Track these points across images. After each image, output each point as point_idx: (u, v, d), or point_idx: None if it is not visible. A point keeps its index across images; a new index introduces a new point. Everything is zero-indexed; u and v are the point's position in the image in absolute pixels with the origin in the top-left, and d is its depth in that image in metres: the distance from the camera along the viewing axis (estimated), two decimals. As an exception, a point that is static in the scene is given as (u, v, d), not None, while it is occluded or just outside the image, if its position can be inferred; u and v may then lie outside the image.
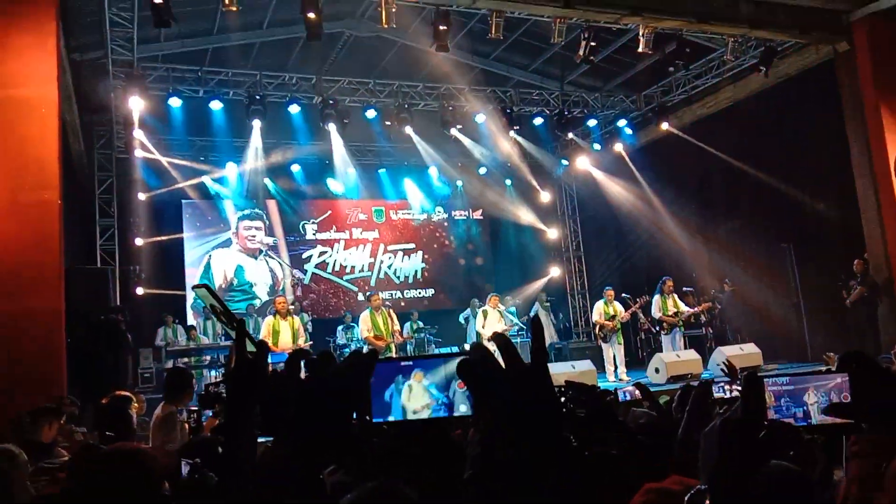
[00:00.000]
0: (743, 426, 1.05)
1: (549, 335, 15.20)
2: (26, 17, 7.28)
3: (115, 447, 1.70)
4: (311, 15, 9.02)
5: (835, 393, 1.35)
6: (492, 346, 0.99)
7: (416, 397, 1.40)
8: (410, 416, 1.38)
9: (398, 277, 16.85)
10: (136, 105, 11.17)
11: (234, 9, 8.53)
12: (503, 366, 0.91)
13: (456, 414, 1.38)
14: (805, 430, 1.40)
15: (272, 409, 1.16)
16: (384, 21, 9.11)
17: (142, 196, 13.44)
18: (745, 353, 10.88)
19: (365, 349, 10.83)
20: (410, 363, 1.44)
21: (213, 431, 3.90)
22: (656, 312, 11.72)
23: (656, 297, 11.72)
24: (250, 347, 1.20)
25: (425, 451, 1.39)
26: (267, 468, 1.01)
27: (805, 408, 1.37)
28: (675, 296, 11.83)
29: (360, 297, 16.04)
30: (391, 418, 1.38)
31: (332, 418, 1.01)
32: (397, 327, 11.09)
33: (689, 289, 12.75)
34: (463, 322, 14.74)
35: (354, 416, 1.28)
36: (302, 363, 1.16)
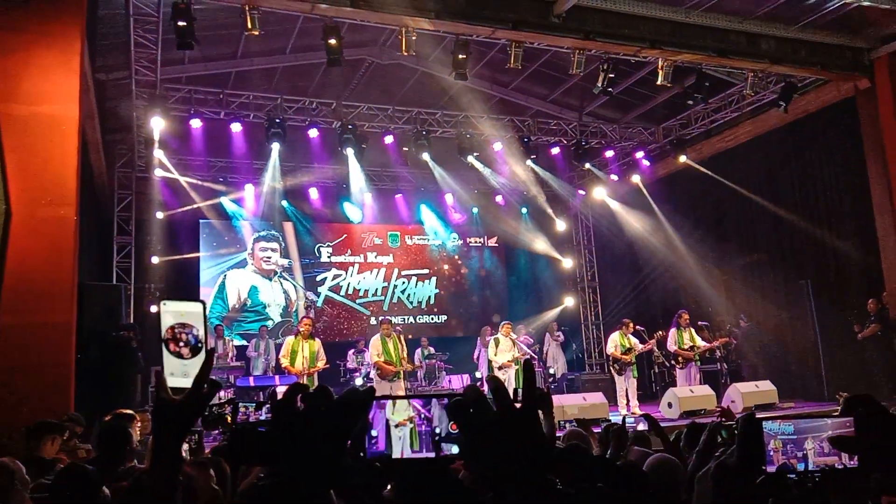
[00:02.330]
0: (739, 471, 1.00)
1: (561, 366, 15.03)
2: (53, 35, 7.40)
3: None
4: (333, 41, 9.12)
5: (835, 439, 1.30)
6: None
7: (398, 411, 1.41)
8: (392, 430, 1.37)
9: (411, 302, 16.81)
10: (158, 125, 11.31)
11: (257, 33, 8.64)
12: (495, 408, 0.89)
13: (446, 453, 1.36)
14: (802, 473, 1.35)
15: (275, 438, 1.14)
16: (405, 49, 9.21)
17: (159, 215, 13.56)
18: (760, 390, 10.72)
19: (373, 373, 10.76)
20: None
21: (215, 452, 3.86)
22: (672, 346, 11.58)
23: (672, 331, 11.59)
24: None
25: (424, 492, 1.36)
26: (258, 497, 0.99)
27: (804, 452, 1.31)
28: (692, 329, 11.70)
29: (373, 321, 16.01)
30: (373, 432, 1.37)
31: (323, 452, 0.99)
32: (406, 354, 11.03)
33: (704, 323, 12.59)
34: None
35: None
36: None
